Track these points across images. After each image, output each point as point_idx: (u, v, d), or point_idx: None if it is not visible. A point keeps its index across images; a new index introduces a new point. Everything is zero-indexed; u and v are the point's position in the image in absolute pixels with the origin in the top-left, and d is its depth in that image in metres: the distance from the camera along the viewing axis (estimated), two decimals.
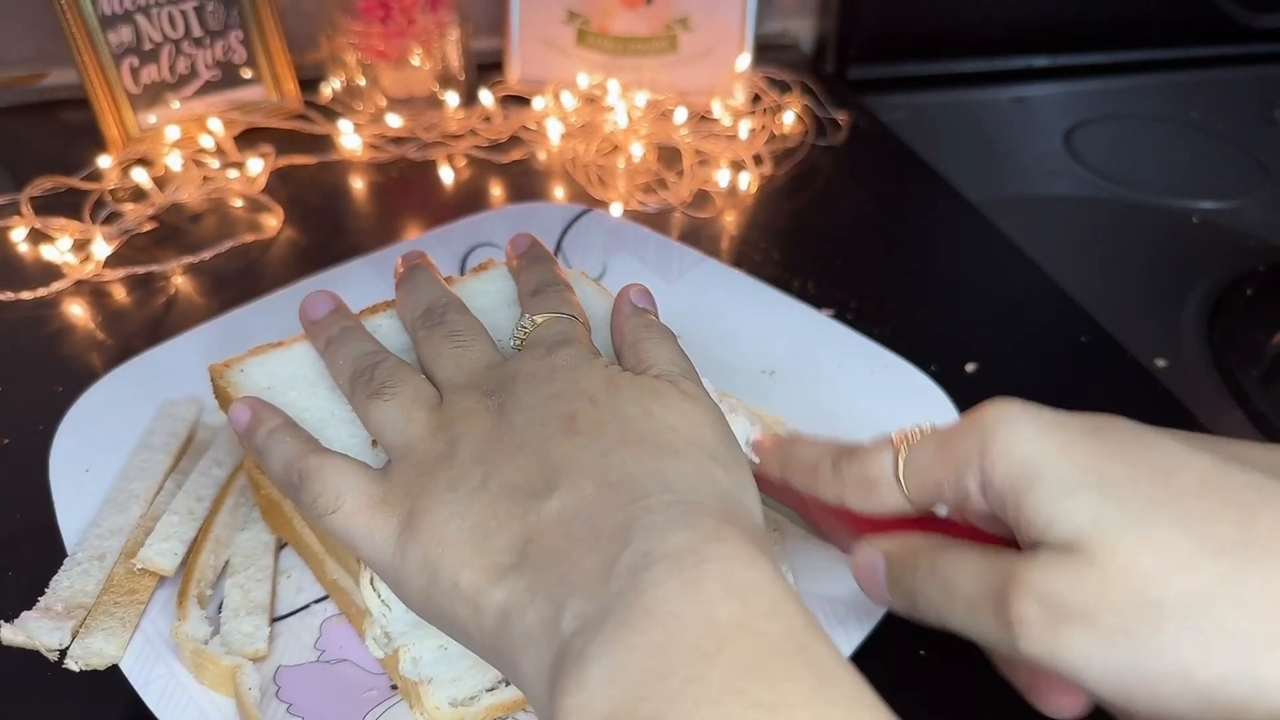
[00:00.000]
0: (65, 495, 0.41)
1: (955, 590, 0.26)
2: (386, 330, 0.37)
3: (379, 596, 0.30)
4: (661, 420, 0.28)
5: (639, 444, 0.27)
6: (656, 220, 0.64)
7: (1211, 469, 0.24)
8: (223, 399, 0.36)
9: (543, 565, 0.24)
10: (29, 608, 0.35)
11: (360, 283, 0.53)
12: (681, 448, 0.27)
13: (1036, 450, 0.25)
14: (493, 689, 0.34)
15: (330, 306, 0.36)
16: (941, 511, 0.29)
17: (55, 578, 0.37)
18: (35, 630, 0.35)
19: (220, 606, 0.37)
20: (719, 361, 0.47)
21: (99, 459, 0.42)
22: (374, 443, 0.32)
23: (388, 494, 0.28)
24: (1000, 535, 0.28)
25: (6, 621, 0.35)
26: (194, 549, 0.38)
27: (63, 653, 0.35)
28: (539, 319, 0.33)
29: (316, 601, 0.39)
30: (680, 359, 0.31)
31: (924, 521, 0.30)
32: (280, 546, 0.40)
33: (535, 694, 0.23)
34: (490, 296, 0.39)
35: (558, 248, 0.58)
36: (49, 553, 0.38)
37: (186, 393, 0.45)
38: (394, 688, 0.35)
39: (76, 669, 0.34)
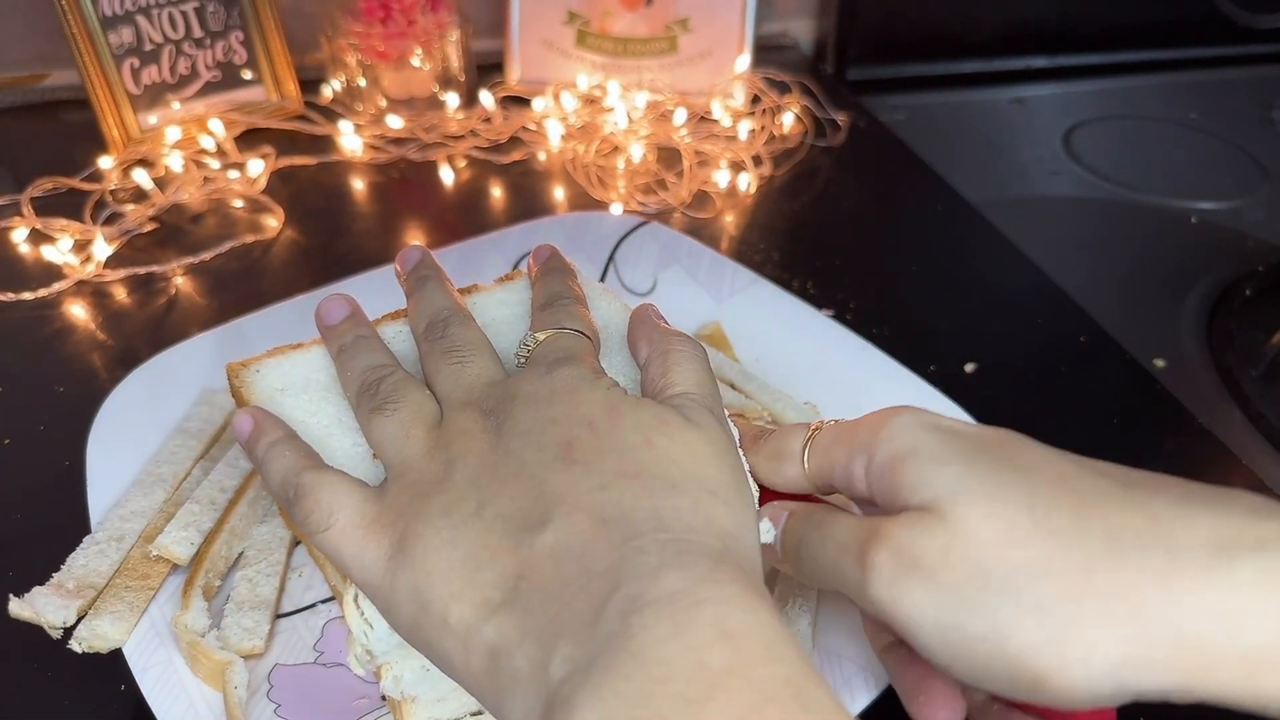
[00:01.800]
0: (98, 473, 0.41)
1: (829, 539, 0.28)
2: (405, 338, 0.37)
3: (362, 615, 0.30)
4: (662, 451, 0.27)
5: (636, 477, 0.26)
6: (658, 221, 0.64)
7: (1069, 472, 0.26)
8: (237, 399, 0.36)
9: (533, 605, 0.24)
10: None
11: (398, 289, 0.53)
12: (680, 482, 0.26)
13: (920, 437, 0.28)
14: (478, 713, 0.33)
15: (346, 313, 0.35)
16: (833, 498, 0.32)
17: (73, 555, 0.37)
18: (42, 606, 0.35)
19: (228, 598, 0.37)
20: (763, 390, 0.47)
21: (138, 440, 0.43)
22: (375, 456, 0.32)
23: (381, 515, 0.28)
24: None
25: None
26: (209, 539, 0.39)
27: (67, 633, 0.35)
28: (541, 336, 0.32)
29: (324, 601, 0.38)
30: (708, 381, 0.31)
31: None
32: (295, 543, 0.40)
33: None
34: (511, 307, 0.38)
35: (610, 258, 0.58)
36: (55, 552, 0.38)
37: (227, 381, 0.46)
38: (385, 698, 0.35)
39: (79, 650, 0.35)
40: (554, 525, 0.25)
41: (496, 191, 0.68)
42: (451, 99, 0.72)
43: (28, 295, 0.56)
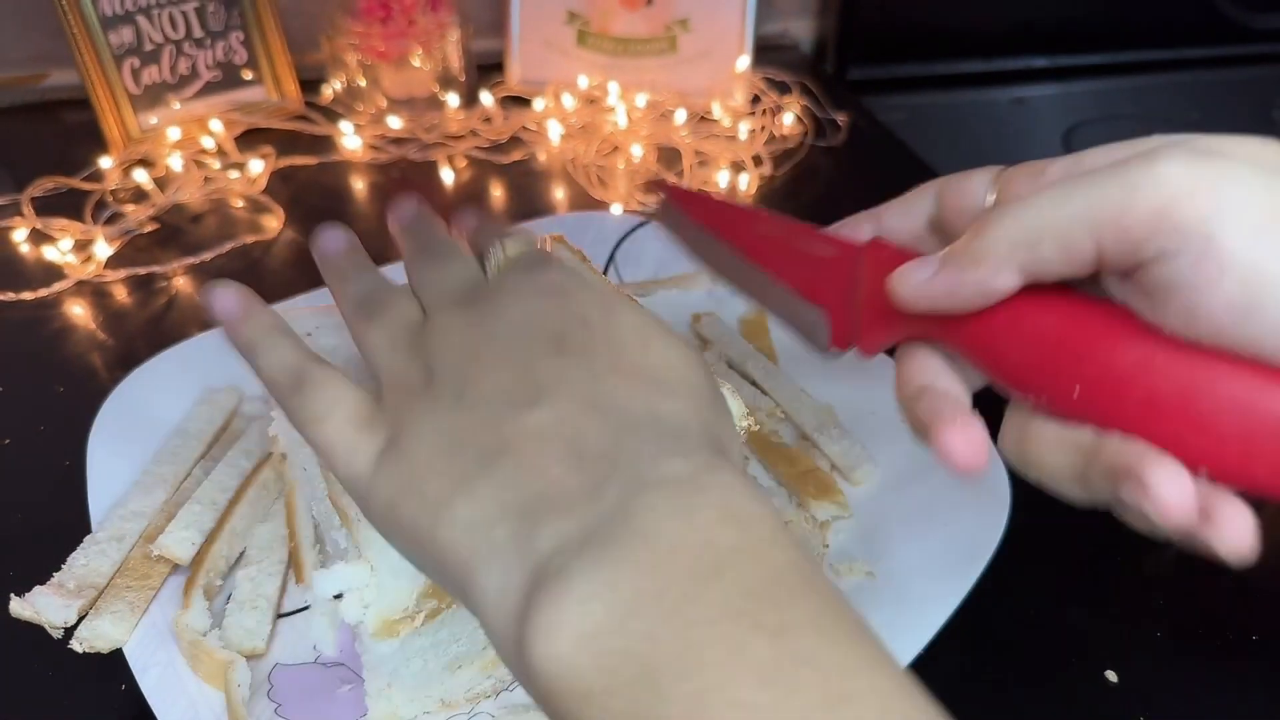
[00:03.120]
0: (99, 473, 0.41)
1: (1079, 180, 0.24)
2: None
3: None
4: (660, 355, 0.26)
5: (633, 376, 0.25)
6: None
7: None
8: None
9: (517, 480, 0.23)
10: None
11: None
12: (677, 387, 0.25)
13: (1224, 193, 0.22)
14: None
15: (343, 243, 0.35)
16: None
17: (73, 554, 0.37)
18: (43, 606, 0.35)
19: (230, 598, 0.37)
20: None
21: (139, 439, 0.43)
22: None
23: (375, 415, 0.27)
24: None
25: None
26: (210, 539, 0.39)
27: (68, 632, 0.35)
28: (506, 249, 0.31)
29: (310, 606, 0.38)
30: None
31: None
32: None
33: (496, 613, 0.22)
34: None
35: (610, 258, 0.57)
36: (56, 552, 0.38)
37: (229, 380, 0.46)
38: None
39: (80, 650, 0.35)
40: (543, 406, 0.24)
41: (497, 191, 0.68)
42: (452, 99, 0.72)
43: (28, 295, 0.56)
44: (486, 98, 0.73)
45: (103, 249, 0.58)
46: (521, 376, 0.25)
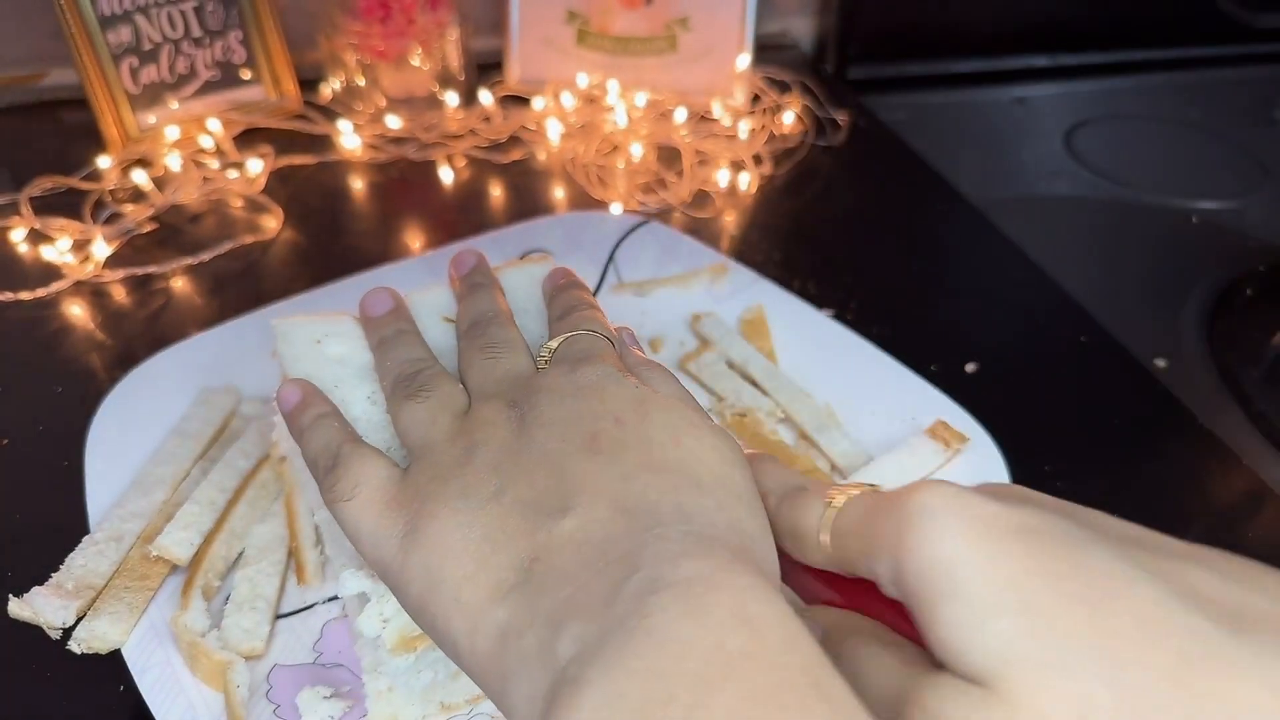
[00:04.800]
0: (97, 473, 0.41)
1: (863, 680, 0.24)
2: (441, 329, 0.37)
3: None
4: (690, 451, 0.27)
5: (663, 471, 0.26)
6: (658, 220, 0.64)
7: (1153, 604, 0.20)
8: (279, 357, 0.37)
9: (546, 587, 0.24)
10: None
11: (414, 284, 0.53)
12: (707, 482, 0.26)
13: (957, 556, 0.21)
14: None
15: (389, 306, 0.36)
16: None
17: (72, 555, 0.37)
18: (42, 607, 0.35)
19: (228, 598, 0.37)
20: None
21: (137, 440, 0.43)
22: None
23: (400, 494, 0.28)
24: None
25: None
26: (208, 539, 0.39)
27: (66, 633, 0.35)
28: (561, 339, 0.33)
29: (323, 602, 0.38)
30: (692, 400, 0.30)
31: (859, 583, 0.27)
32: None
33: None
34: (531, 275, 0.39)
35: (610, 258, 0.58)
36: (54, 553, 0.38)
37: (227, 380, 0.46)
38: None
39: (78, 651, 0.34)
40: (575, 512, 0.25)
41: (496, 191, 0.68)
42: (451, 98, 0.72)
43: (26, 295, 0.55)
44: (486, 97, 0.73)
45: (101, 249, 0.58)
46: (557, 480, 0.26)
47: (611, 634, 0.21)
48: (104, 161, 0.65)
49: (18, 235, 0.60)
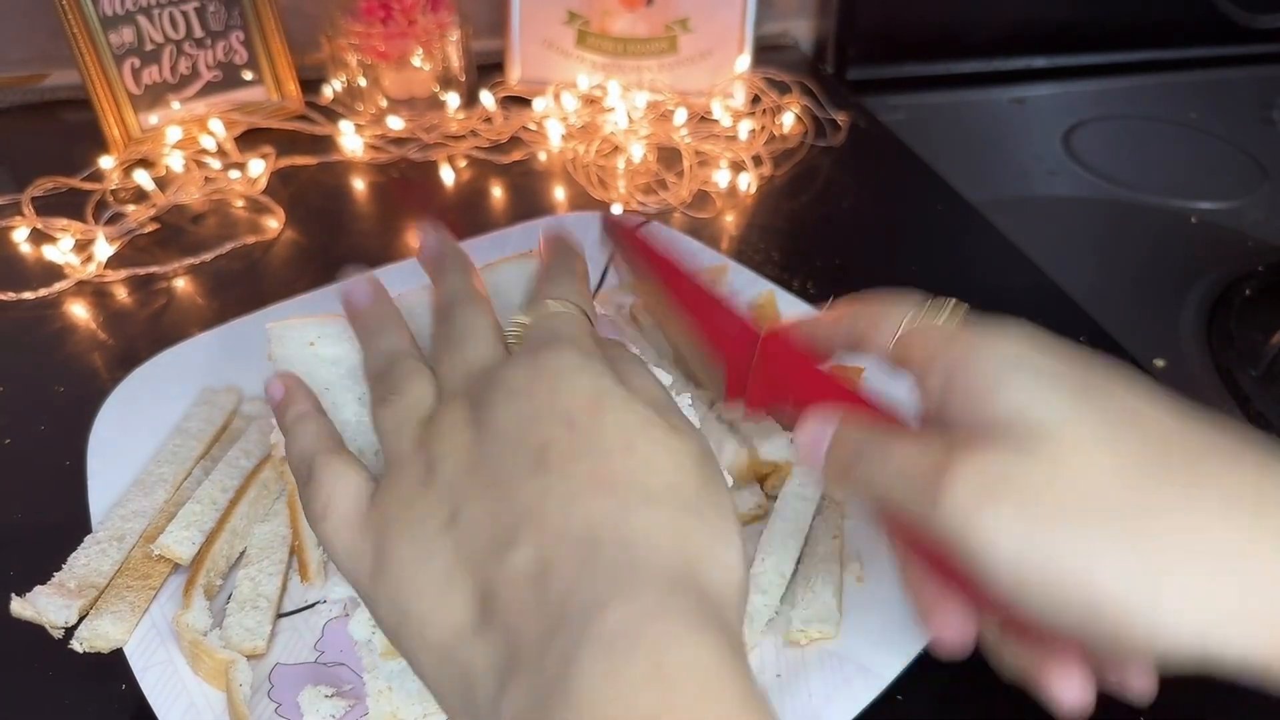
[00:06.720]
0: (99, 473, 0.41)
1: (892, 455, 0.27)
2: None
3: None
4: (643, 457, 0.26)
5: (611, 487, 0.25)
6: (658, 221, 0.64)
7: (1180, 426, 0.26)
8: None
9: (496, 634, 0.24)
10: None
11: (414, 284, 0.53)
12: (658, 493, 0.25)
13: (1027, 352, 0.27)
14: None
15: (369, 297, 0.35)
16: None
17: (74, 554, 0.37)
18: (44, 606, 0.35)
19: (230, 597, 0.37)
20: None
21: (138, 439, 0.43)
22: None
23: (368, 517, 0.28)
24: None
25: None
26: (210, 538, 0.39)
27: (69, 632, 0.35)
28: (526, 318, 0.31)
29: (324, 601, 0.38)
30: (660, 390, 0.30)
31: (861, 401, 0.31)
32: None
33: None
34: (524, 270, 0.39)
35: (610, 258, 0.57)
36: (56, 552, 0.38)
37: (228, 380, 0.46)
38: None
39: (80, 650, 0.35)
40: (519, 546, 0.25)
41: (497, 191, 0.68)
42: (452, 99, 0.72)
43: (28, 295, 0.56)
44: (487, 98, 0.73)
45: (103, 249, 0.58)
46: (508, 504, 0.26)
47: (541, 699, 0.22)
48: (106, 162, 0.65)
49: (20, 235, 0.60)
